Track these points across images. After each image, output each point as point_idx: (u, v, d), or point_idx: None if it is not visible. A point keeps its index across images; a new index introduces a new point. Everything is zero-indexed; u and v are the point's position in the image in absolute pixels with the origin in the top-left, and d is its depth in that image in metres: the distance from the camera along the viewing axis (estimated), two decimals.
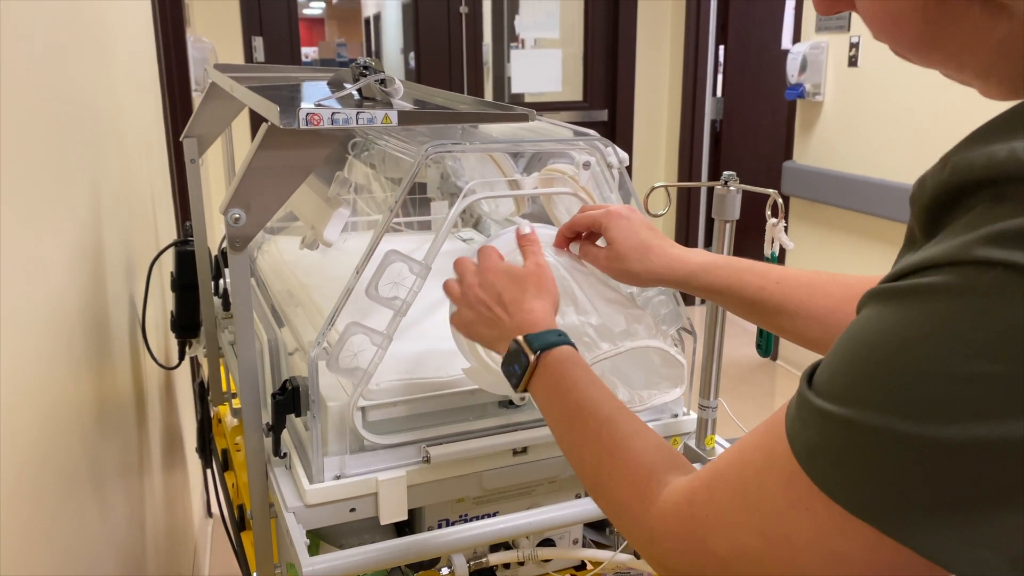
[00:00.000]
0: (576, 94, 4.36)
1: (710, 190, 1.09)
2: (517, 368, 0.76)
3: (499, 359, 0.92)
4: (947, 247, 0.42)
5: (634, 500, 0.59)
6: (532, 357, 0.75)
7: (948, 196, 0.43)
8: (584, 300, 0.91)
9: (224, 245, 1.50)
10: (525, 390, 0.76)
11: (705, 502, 0.52)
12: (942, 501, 0.40)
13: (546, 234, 0.96)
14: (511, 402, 1.01)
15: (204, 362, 1.59)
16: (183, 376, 2.24)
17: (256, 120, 3.35)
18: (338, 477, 0.93)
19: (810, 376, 0.47)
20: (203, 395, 1.61)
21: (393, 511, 0.95)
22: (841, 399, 0.44)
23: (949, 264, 0.41)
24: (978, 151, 0.41)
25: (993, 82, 0.48)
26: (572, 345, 0.77)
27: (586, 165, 1.02)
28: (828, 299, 0.81)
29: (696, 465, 0.60)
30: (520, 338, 0.77)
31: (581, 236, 0.96)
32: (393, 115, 0.85)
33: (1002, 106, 0.45)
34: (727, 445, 1.11)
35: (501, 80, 4.24)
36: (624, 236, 0.89)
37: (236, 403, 1.54)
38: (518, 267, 0.86)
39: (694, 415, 1.11)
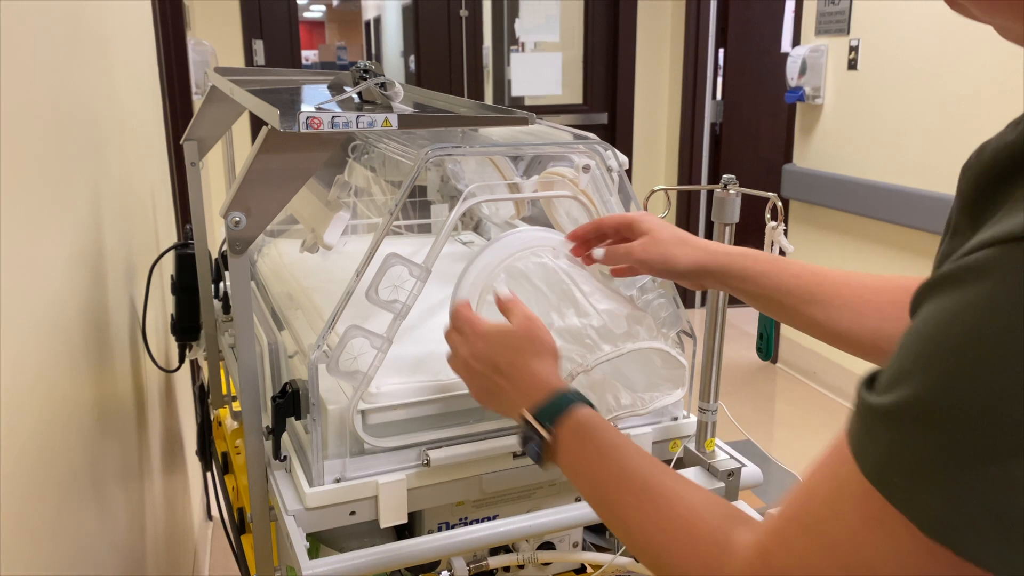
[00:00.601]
0: (576, 97, 4.37)
1: (710, 193, 1.09)
2: (534, 446, 0.72)
3: None
4: (1007, 225, 0.38)
5: (701, 570, 0.55)
6: (547, 435, 0.71)
7: (1013, 161, 0.40)
8: (584, 302, 0.91)
9: (224, 248, 1.50)
10: (550, 467, 0.72)
11: (780, 554, 0.48)
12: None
13: (546, 237, 0.96)
14: None
15: (204, 365, 1.59)
16: (183, 379, 2.24)
17: (256, 123, 3.35)
18: (338, 480, 0.93)
19: (869, 382, 0.44)
20: (203, 398, 1.61)
21: (393, 514, 0.95)
22: (909, 397, 0.40)
23: (1010, 241, 0.38)
24: None
25: None
26: (584, 400, 0.72)
27: (586, 168, 1.02)
28: (863, 290, 0.80)
29: (747, 507, 0.57)
30: (528, 415, 0.72)
31: (605, 239, 0.95)
32: (393, 118, 0.85)
33: (1002, 104, 0.44)
34: (727, 448, 1.11)
35: (501, 83, 4.25)
36: (660, 227, 0.91)
37: (236, 406, 1.54)
38: (506, 327, 0.82)
39: (694, 418, 1.11)
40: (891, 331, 0.77)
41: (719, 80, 4.51)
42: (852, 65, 3.25)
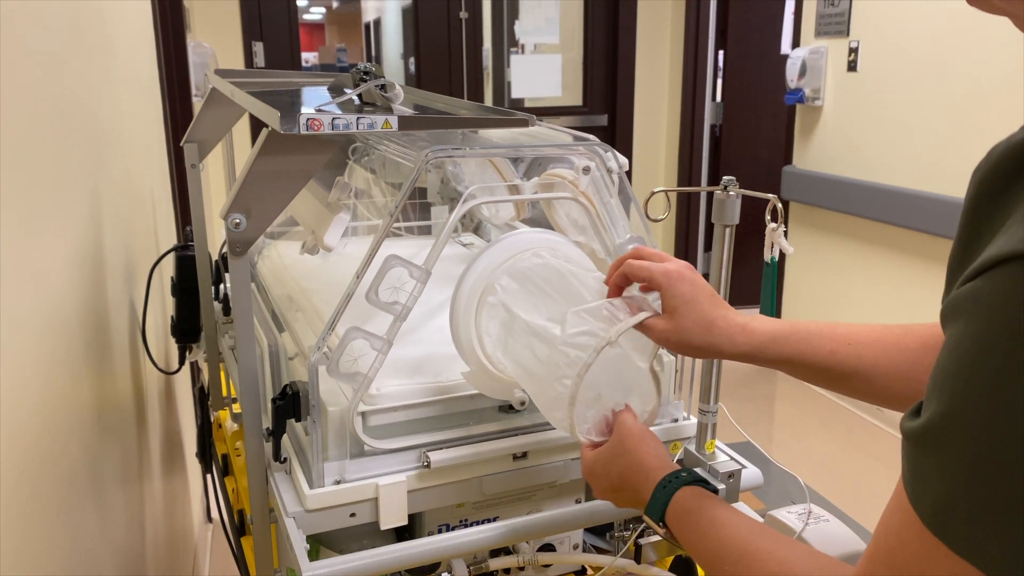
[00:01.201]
0: (576, 99, 4.37)
1: (710, 195, 1.09)
2: (663, 537, 0.78)
3: (500, 364, 0.92)
4: (1007, 239, 0.38)
5: None
6: (661, 530, 0.76)
7: (1020, 160, 0.39)
8: (589, 297, 0.91)
9: (224, 250, 1.50)
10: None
11: None
12: None
13: (546, 239, 0.96)
14: (511, 407, 1.01)
15: (204, 367, 1.59)
16: (183, 381, 2.24)
17: (256, 125, 3.35)
18: (338, 482, 0.93)
19: (914, 415, 0.45)
20: (203, 400, 1.61)
21: (393, 516, 0.95)
22: (953, 434, 0.41)
23: (1003, 262, 0.38)
24: None
25: None
26: (688, 480, 0.75)
27: (586, 170, 1.02)
28: (905, 353, 0.76)
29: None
30: (645, 516, 0.77)
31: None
32: (393, 120, 0.85)
33: (1002, 105, 0.43)
34: (727, 450, 1.11)
35: (501, 85, 4.25)
36: (688, 309, 0.81)
37: (236, 408, 1.54)
38: (601, 451, 0.84)
39: (694, 420, 1.11)
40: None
41: (719, 82, 4.51)
42: (852, 67, 3.25)
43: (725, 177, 1.08)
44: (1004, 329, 0.38)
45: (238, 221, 0.85)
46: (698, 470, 1.07)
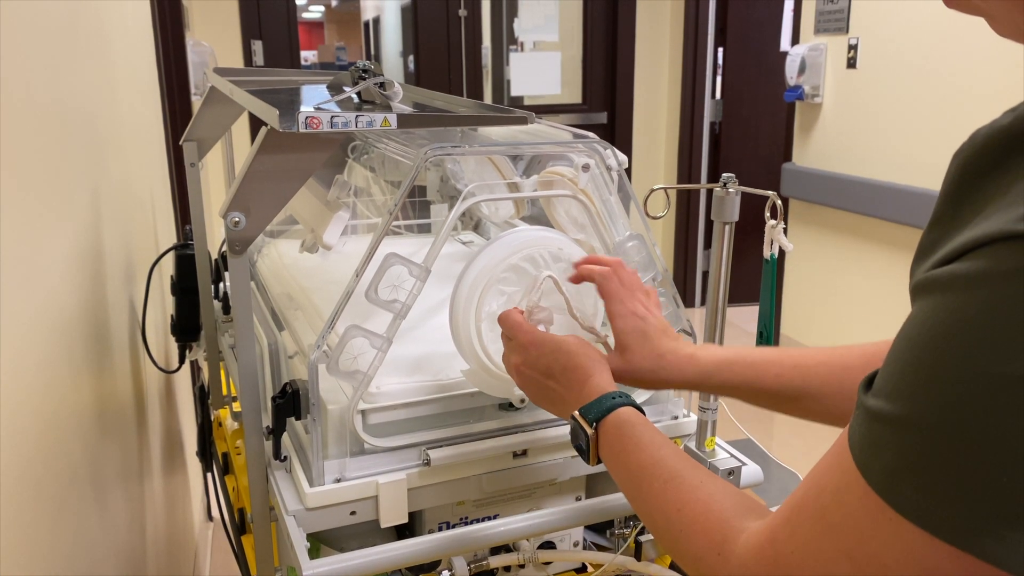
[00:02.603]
0: (575, 97, 4.37)
1: (709, 192, 1.09)
2: (582, 444, 0.76)
3: (499, 363, 0.92)
4: (1001, 220, 0.38)
5: (709, 552, 0.57)
6: (591, 431, 0.74)
7: (1004, 147, 0.40)
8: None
9: (224, 249, 1.50)
10: (598, 462, 0.75)
11: (787, 539, 0.50)
12: None
13: (546, 236, 0.96)
14: (511, 404, 1.02)
15: (204, 366, 1.59)
16: (183, 380, 2.24)
17: (256, 124, 3.35)
18: (338, 480, 0.93)
19: (868, 384, 0.45)
20: (203, 398, 1.61)
21: (393, 514, 0.95)
22: (912, 404, 0.41)
23: (1005, 238, 0.38)
24: None
25: None
26: (632, 403, 0.75)
27: (585, 168, 1.02)
28: (849, 371, 0.78)
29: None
30: (576, 414, 0.76)
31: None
32: (392, 118, 0.85)
33: (1002, 101, 0.44)
34: (727, 447, 1.11)
35: (500, 83, 4.25)
36: (639, 345, 0.85)
37: (236, 406, 1.54)
38: (559, 337, 0.84)
39: (694, 417, 1.11)
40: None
41: (718, 79, 4.51)
42: (851, 64, 3.24)
43: (724, 174, 1.08)
44: (982, 304, 0.38)
45: (237, 219, 0.85)
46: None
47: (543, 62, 4.24)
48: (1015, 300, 0.37)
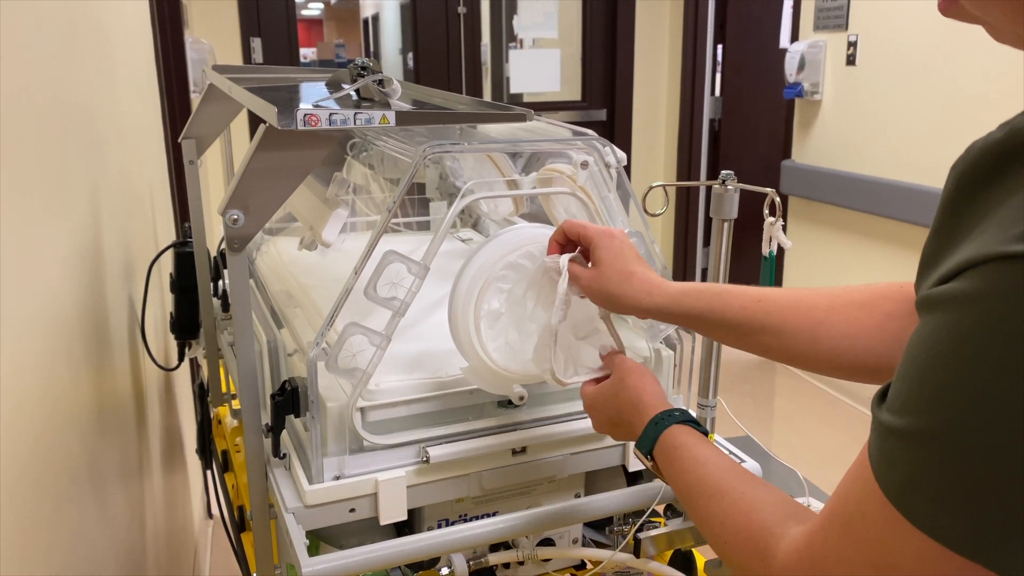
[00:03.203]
0: (574, 94, 4.36)
1: (708, 189, 1.09)
2: (650, 472, 0.80)
3: (498, 360, 0.93)
4: (995, 238, 0.40)
5: (754, 558, 0.60)
6: (649, 464, 0.79)
7: (999, 159, 0.41)
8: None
9: (223, 246, 1.50)
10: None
11: (821, 543, 0.52)
12: None
13: (545, 234, 0.96)
14: (510, 402, 1.02)
15: (204, 363, 1.59)
16: (183, 377, 2.24)
17: (255, 121, 3.35)
18: (337, 478, 0.93)
19: (882, 397, 0.47)
20: (203, 396, 1.61)
21: (392, 511, 0.95)
22: (921, 420, 0.43)
23: (1000, 259, 0.39)
24: None
25: None
26: (678, 419, 0.78)
27: (584, 165, 1.02)
28: (813, 311, 0.79)
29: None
30: (635, 451, 0.81)
31: (570, 246, 0.93)
32: (391, 115, 0.85)
33: (1001, 99, 0.44)
34: (727, 444, 1.11)
35: (500, 80, 4.24)
36: (611, 258, 0.87)
37: (236, 404, 1.54)
38: (600, 387, 0.88)
39: (693, 414, 1.11)
40: (849, 350, 0.77)
41: (718, 76, 4.51)
42: (851, 61, 3.24)
43: (724, 171, 1.08)
44: (976, 324, 0.40)
45: (236, 217, 0.85)
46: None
47: (542, 59, 4.23)
48: (1006, 319, 0.39)
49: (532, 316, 0.92)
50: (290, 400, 0.92)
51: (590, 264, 0.89)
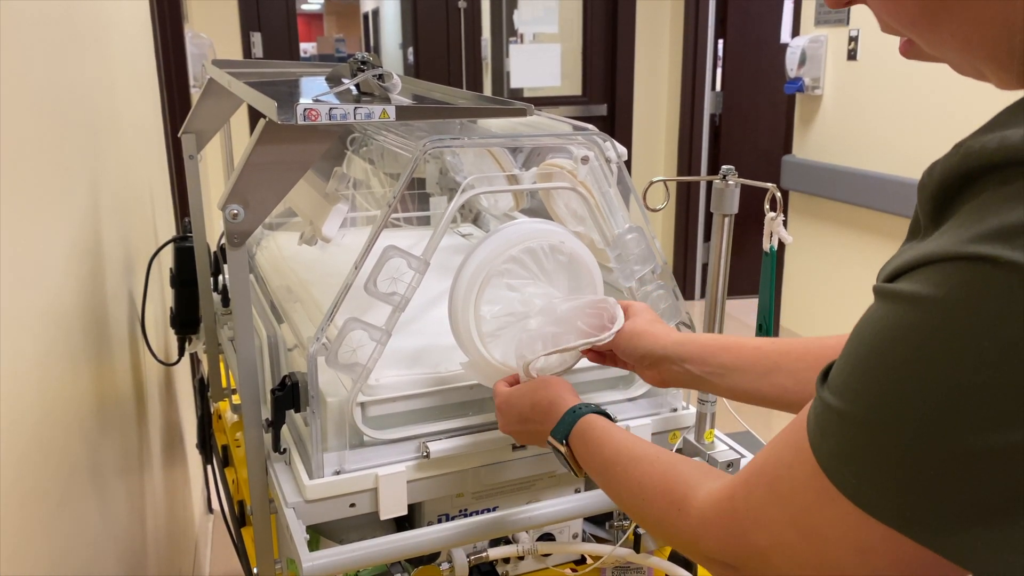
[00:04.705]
0: (575, 89, 4.36)
1: (709, 184, 1.09)
2: (565, 462, 0.82)
3: (498, 355, 0.93)
4: (946, 241, 0.41)
5: (671, 509, 0.62)
6: (563, 448, 0.81)
7: (957, 181, 0.43)
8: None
9: (223, 241, 1.50)
10: (583, 472, 0.81)
11: (744, 498, 0.54)
12: (964, 506, 0.41)
13: (545, 229, 0.96)
14: None
15: (204, 358, 1.59)
16: (183, 372, 2.24)
17: (255, 116, 3.34)
18: (337, 472, 0.93)
19: (825, 375, 0.48)
20: (203, 391, 1.61)
21: (393, 506, 0.95)
22: (856, 403, 0.45)
23: (945, 260, 0.41)
24: (993, 135, 0.41)
25: (1009, 65, 0.46)
26: (594, 410, 0.81)
27: (584, 160, 1.02)
28: (785, 357, 0.83)
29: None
30: (550, 439, 0.83)
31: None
32: (391, 110, 0.85)
33: (1001, 95, 0.44)
34: (727, 439, 1.11)
35: (500, 75, 4.23)
36: (628, 322, 0.92)
37: (236, 399, 1.54)
38: (518, 387, 0.91)
39: (693, 409, 1.11)
40: (797, 391, 0.81)
41: (718, 71, 4.50)
42: (852, 56, 3.24)
43: (724, 166, 1.08)
44: (918, 321, 0.42)
45: (236, 212, 0.85)
46: (696, 459, 1.08)
47: (543, 54, 4.22)
48: (951, 319, 0.40)
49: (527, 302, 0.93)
50: (290, 395, 0.92)
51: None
